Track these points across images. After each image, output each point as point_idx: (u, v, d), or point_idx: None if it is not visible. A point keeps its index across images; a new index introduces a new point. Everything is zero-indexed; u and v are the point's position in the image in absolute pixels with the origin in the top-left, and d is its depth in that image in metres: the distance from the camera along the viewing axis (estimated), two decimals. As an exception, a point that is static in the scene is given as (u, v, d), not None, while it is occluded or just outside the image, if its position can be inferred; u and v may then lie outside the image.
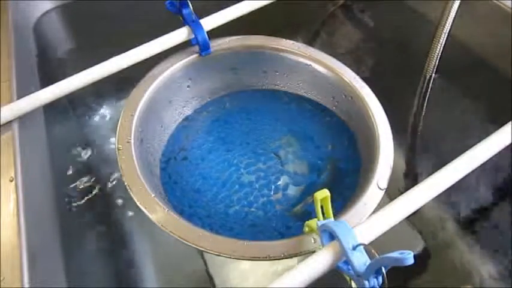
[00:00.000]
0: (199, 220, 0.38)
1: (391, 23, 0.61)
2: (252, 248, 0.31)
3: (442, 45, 0.48)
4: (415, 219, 0.41)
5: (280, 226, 0.38)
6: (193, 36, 0.43)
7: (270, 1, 0.47)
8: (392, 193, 0.36)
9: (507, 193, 0.43)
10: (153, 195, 0.34)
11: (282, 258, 0.30)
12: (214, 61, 0.46)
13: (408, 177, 0.45)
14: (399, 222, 0.30)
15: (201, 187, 0.41)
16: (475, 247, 0.39)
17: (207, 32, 0.43)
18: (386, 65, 0.57)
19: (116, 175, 0.45)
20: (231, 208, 0.39)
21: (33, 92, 0.40)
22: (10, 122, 0.39)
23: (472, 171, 0.33)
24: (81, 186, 0.45)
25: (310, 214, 0.39)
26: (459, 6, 0.44)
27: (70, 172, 0.46)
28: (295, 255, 0.31)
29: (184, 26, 0.44)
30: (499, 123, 0.35)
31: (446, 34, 0.47)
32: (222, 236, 0.32)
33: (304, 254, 0.30)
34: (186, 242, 0.31)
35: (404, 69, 0.55)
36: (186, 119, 0.47)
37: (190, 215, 0.39)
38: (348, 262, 0.26)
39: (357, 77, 0.42)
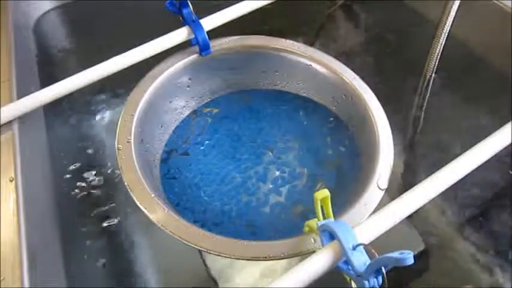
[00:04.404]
0: (191, 214, 0.38)
1: (391, 23, 0.61)
2: (252, 248, 0.31)
3: (442, 45, 0.48)
4: (415, 219, 0.41)
5: (278, 227, 0.38)
6: (193, 36, 0.43)
7: (270, 1, 0.47)
8: (392, 193, 0.36)
9: (507, 193, 0.43)
10: (153, 195, 0.34)
11: (282, 258, 0.30)
12: (214, 61, 0.46)
13: (408, 177, 0.45)
14: (399, 222, 0.30)
15: (199, 182, 0.41)
16: (475, 247, 0.39)
17: (207, 32, 0.43)
18: (387, 65, 0.57)
19: (115, 175, 0.45)
20: (227, 206, 0.40)
21: (33, 92, 0.40)
22: (10, 122, 0.39)
23: (472, 171, 0.33)
24: (81, 186, 0.45)
25: (309, 215, 0.39)
26: (459, 6, 0.44)
27: (70, 172, 0.46)
28: (295, 255, 0.31)
29: (184, 26, 0.44)
30: (499, 123, 0.35)
31: (446, 34, 0.47)
32: (222, 236, 0.32)
33: (304, 254, 0.30)
34: (186, 242, 0.31)
35: (404, 69, 0.55)
36: (184, 119, 0.47)
37: (184, 209, 0.39)
38: (348, 262, 0.26)
39: (357, 77, 0.42)
